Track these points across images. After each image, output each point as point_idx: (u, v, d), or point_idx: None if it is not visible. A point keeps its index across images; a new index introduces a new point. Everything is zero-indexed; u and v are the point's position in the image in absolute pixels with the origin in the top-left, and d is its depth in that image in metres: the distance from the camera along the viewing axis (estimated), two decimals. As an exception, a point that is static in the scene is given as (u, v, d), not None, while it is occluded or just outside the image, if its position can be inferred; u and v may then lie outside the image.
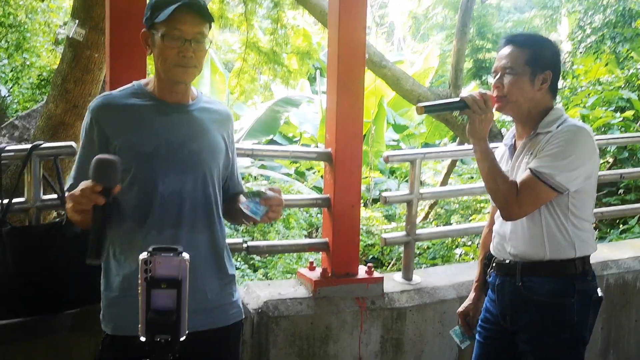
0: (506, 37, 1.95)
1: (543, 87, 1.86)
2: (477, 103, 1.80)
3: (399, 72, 7.07)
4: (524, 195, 1.78)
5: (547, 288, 1.85)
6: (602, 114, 5.59)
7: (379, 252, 6.80)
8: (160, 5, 1.57)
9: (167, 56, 1.58)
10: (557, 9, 10.64)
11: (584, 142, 1.80)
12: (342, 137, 2.70)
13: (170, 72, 1.61)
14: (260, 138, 10.16)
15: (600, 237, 5.10)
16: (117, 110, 1.62)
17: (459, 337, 2.19)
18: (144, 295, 1.04)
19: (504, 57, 1.88)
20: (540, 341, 1.87)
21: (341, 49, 2.67)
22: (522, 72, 1.84)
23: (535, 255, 1.86)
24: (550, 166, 1.75)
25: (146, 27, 1.62)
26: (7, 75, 9.51)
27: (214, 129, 1.71)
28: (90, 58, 3.82)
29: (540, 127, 1.85)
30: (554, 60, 1.90)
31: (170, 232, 1.60)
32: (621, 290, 3.15)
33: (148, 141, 1.60)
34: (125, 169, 1.56)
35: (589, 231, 1.89)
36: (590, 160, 1.81)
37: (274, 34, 9.80)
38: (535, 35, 2.01)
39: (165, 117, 1.64)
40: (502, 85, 1.87)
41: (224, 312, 1.72)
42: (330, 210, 2.75)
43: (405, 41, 22.96)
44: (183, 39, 1.56)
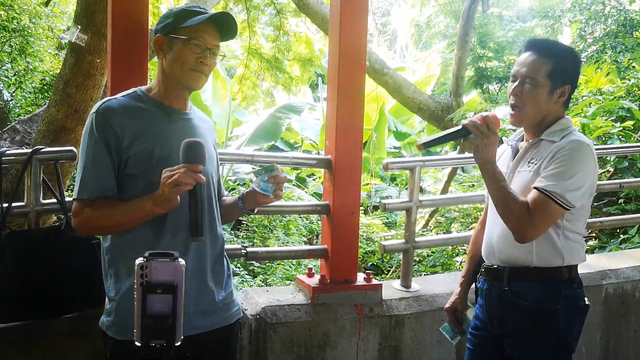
0: (529, 41, 1.91)
1: (560, 101, 1.86)
2: (479, 128, 1.76)
3: (400, 79, 7.10)
4: (537, 216, 1.76)
5: (533, 293, 1.86)
6: (602, 124, 5.59)
7: (379, 259, 6.79)
8: (189, 13, 1.67)
9: (186, 60, 1.66)
10: (558, 19, 10.65)
11: (587, 159, 1.79)
12: (342, 144, 2.70)
13: (185, 76, 1.68)
14: (262, 144, 10.18)
15: (600, 247, 5.09)
16: (127, 114, 1.65)
17: (449, 334, 2.19)
18: (140, 300, 1.04)
19: (526, 64, 1.85)
20: (526, 346, 1.87)
21: (342, 56, 2.68)
22: (543, 84, 1.82)
23: (522, 261, 1.87)
24: (559, 185, 1.74)
25: (162, 34, 1.69)
26: (10, 80, 9.54)
27: (208, 136, 1.81)
28: (92, 63, 3.84)
29: (545, 134, 1.86)
30: (574, 73, 1.88)
31: (184, 235, 1.64)
32: (620, 300, 3.14)
33: (162, 147, 1.64)
34: (139, 174, 1.61)
35: (579, 242, 1.90)
36: (592, 177, 1.82)
37: (276, 40, 9.85)
38: (559, 46, 1.94)
39: (174, 124, 1.71)
40: (521, 94, 1.85)
41: (228, 310, 1.79)
42: (329, 217, 2.75)
43: (407, 49, 23.03)
44: (204, 47, 1.67)
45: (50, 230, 2.08)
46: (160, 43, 1.70)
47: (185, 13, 1.68)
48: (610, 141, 5.43)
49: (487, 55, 10.24)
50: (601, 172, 5.60)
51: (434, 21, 17.66)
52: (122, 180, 1.64)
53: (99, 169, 1.61)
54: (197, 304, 1.66)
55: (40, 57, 9.29)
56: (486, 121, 1.77)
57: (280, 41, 9.85)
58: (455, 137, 1.85)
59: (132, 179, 1.63)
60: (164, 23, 1.69)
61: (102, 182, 1.61)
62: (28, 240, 2.03)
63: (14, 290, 1.95)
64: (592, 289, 2.95)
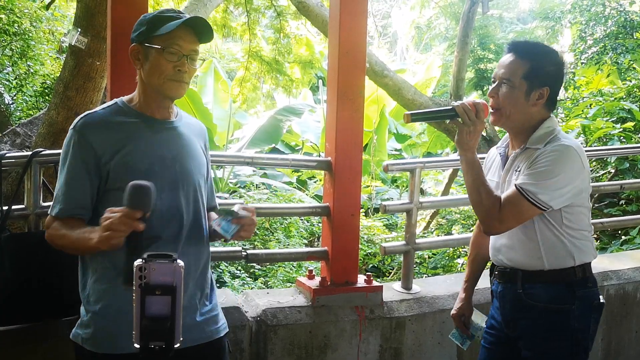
0: (510, 43, 1.91)
1: (538, 103, 1.84)
2: (468, 114, 1.76)
3: (401, 81, 7.09)
4: (507, 211, 1.77)
5: (547, 295, 1.85)
6: (602, 125, 5.59)
7: (380, 261, 6.78)
8: (160, 20, 1.60)
9: (163, 70, 1.60)
10: (558, 20, 10.66)
11: (572, 161, 1.77)
12: (342, 146, 2.70)
13: (164, 86, 1.62)
14: (263, 146, 10.18)
15: (601, 248, 5.08)
16: (106, 129, 1.60)
17: (459, 340, 2.19)
18: (138, 302, 1.04)
19: (504, 66, 1.85)
20: (541, 347, 1.87)
21: (341, 58, 2.68)
22: (519, 85, 1.82)
23: (534, 267, 1.86)
24: (535, 184, 1.74)
25: (137, 42, 1.63)
26: (11, 83, 9.56)
27: (196, 143, 1.75)
28: (92, 66, 3.84)
29: (529, 142, 1.84)
30: (554, 75, 1.86)
31: (170, 247, 1.59)
32: (621, 301, 3.14)
33: (142, 159, 1.60)
34: (120, 188, 1.52)
35: (588, 239, 1.89)
36: (579, 177, 1.79)
37: (277, 43, 9.86)
38: (539, 47, 1.93)
39: (156, 135, 1.65)
40: (497, 95, 1.85)
41: (214, 323, 1.74)
42: (329, 218, 2.75)
43: (407, 51, 23.04)
44: (181, 54, 1.60)
45: (51, 232, 2.07)
46: (136, 52, 1.63)
47: (159, 20, 1.60)
48: (611, 142, 5.43)
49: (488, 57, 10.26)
50: (602, 174, 5.60)
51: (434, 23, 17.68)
52: (105, 195, 1.60)
53: (73, 188, 1.58)
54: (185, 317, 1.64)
55: (41, 60, 9.30)
56: (477, 108, 1.77)
57: (280, 44, 9.86)
58: (443, 117, 1.87)
59: (114, 193, 1.57)
60: (139, 31, 1.62)
61: (73, 201, 1.58)
62: (28, 243, 2.03)
63: (13, 293, 1.95)
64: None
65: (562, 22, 10.61)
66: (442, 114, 1.84)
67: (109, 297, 1.58)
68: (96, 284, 1.61)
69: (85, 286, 1.64)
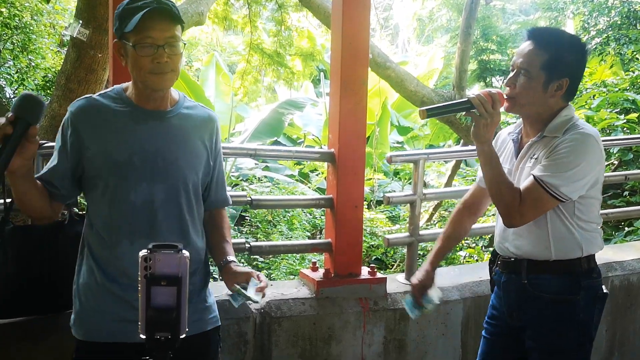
0: (531, 30, 1.85)
1: (557, 94, 1.80)
2: (484, 105, 1.71)
3: (403, 73, 7.06)
4: (527, 204, 1.74)
5: (553, 285, 1.84)
6: (606, 116, 5.56)
7: (383, 253, 6.78)
8: (128, 14, 1.52)
9: (141, 65, 1.54)
10: (561, 11, 10.59)
11: (592, 151, 1.75)
12: (345, 137, 2.69)
13: (146, 81, 1.57)
14: (265, 140, 10.17)
15: (605, 239, 5.06)
16: (95, 116, 1.60)
17: (409, 307, 2.10)
18: (144, 293, 1.03)
19: (523, 55, 1.80)
20: (547, 338, 1.86)
21: (344, 50, 2.67)
22: (537, 77, 1.77)
23: (541, 256, 1.85)
24: (556, 176, 1.71)
25: (117, 38, 1.59)
26: (12, 77, 9.55)
27: (193, 136, 1.68)
28: (94, 58, 3.83)
29: (547, 130, 1.81)
30: (574, 66, 1.81)
31: (143, 242, 1.48)
32: (626, 292, 3.13)
33: (122, 150, 1.58)
34: (97, 176, 1.59)
35: (596, 231, 1.88)
36: (597, 167, 1.77)
37: (278, 35, 9.83)
38: (560, 35, 1.86)
39: (141, 125, 1.61)
40: (515, 85, 1.81)
41: (201, 317, 1.72)
42: (333, 210, 2.74)
43: (409, 43, 22.96)
44: (156, 46, 1.52)
45: (53, 225, 2.07)
46: (119, 48, 1.60)
47: (126, 13, 1.53)
48: (615, 133, 5.41)
49: (490, 48, 10.20)
50: (606, 165, 5.58)
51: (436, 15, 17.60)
52: (84, 182, 1.64)
53: (54, 161, 1.64)
54: None
55: (43, 54, 9.29)
56: (493, 99, 1.73)
57: (281, 36, 9.83)
58: (459, 110, 1.82)
59: (92, 181, 1.62)
60: (115, 26, 1.58)
61: (49, 170, 1.64)
62: (31, 236, 2.02)
63: (17, 285, 1.95)
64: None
65: (565, 13, 10.55)
66: (458, 106, 1.80)
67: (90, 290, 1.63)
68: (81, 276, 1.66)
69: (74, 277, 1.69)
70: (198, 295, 1.73)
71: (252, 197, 2.64)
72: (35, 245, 1.97)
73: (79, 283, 1.67)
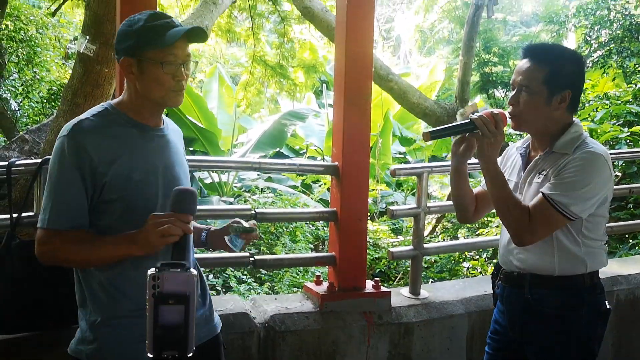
0: (526, 47, 1.86)
1: (561, 107, 1.80)
2: (487, 125, 1.72)
3: (406, 85, 7.09)
4: (537, 222, 1.74)
5: (556, 300, 1.84)
6: (610, 129, 5.57)
7: (386, 265, 6.76)
8: (152, 31, 1.53)
9: (163, 82, 1.55)
10: (563, 24, 10.64)
11: (602, 170, 1.75)
12: (349, 150, 2.70)
13: (165, 98, 1.58)
14: (267, 150, 10.19)
15: (610, 253, 5.05)
16: (101, 137, 1.54)
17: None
18: (152, 311, 1.03)
19: (521, 72, 1.81)
20: (549, 353, 1.86)
21: (348, 63, 2.68)
22: (539, 91, 1.78)
23: (544, 270, 1.84)
24: (566, 195, 1.71)
25: (128, 56, 1.55)
26: (17, 90, 9.62)
27: (181, 148, 1.75)
28: (100, 73, 3.86)
29: (556, 146, 1.81)
30: (574, 78, 1.82)
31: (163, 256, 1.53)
32: (632, 306, 3.12)
33: (138, 169, 1.57)
34: (117, 199, 1.53)
35: (601, 248, 1.88)
36: (606, 186, 1.78)
37: (281, 47, 9.89)
38: (556, 50, 1.89)
39: (149, 143, 1.62)
40: (518, 102, 1.82)
41: (209, 322, 1.76)
42: (337, 223, 2.74)
43: (411, 55, 23.06)
44: (177, 64, 1.56)
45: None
46: (129, 66, 1.56)
47: (151, 31, 1.52)
48: (618, 146, 5.40)
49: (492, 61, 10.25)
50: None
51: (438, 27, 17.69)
52: (99, 206, 1.54)
53: (72, 197, 1.50)
54: None
55: (47, 67, 9.37)
56: (495, 119, 1.74)
57: (284, 48, 9.89)
58: (462, 131, 1.82)
59: (110, 205, 1.54)
60: (128, 44, 1.55)
61: (75, 211, 1.51)
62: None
63: (24, 300, 1.96)
64: (603, 295, 2.94)
65: (567, 26, 10.59)
66: (461, 128, 1.80)
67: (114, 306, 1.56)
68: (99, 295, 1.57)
69: (85, 300, 1.60)
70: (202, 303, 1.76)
71: (256, 210, 2.65)
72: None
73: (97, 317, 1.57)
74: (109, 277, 1.57)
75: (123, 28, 1.58)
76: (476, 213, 2.05)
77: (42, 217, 1.52)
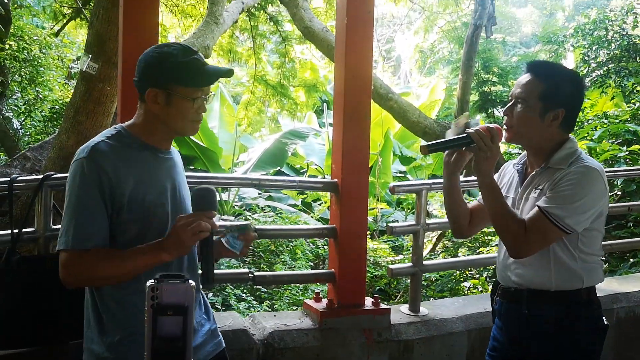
0: (529, 63, 1.91)
1: (553, 124, 1.83)
2: (483, 139, 1.76)
3: (406, 104, 7.15)
4: (533, 235, 1.76)
5: (553, 316, 1.84)
6: (609, 147, 5.59)
7: (386, 284, 6.73)
8: (188, 69, 1.58)
9: (187, 114, 1.61)
10: (561, 44, 10.75)
11: (597, 184, 1.78)
12: (349, 168, 2.72)
13: (186, 127, 1.65)
14: (268, 169, 10.22)
15: (610, 271, 5.04)
16: (119, 159, 1.57)
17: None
18: (150, 323, 1.04)
19: (521, 85, 1.86)
20: None
21: (347, 82, 2.72)
22: (534, 106, 1.82)
23: (542, 285, 1.85)
24: (561, 207, 1.73)
25: (156, 87, 1.58)
26: (19, 109, 9.69)
27: (183, 171, 1.79)
28: (103, 91, 3.91)
29: (552, 162, 1.84)
30: (570, 98, 1.85)
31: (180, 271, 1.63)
32: (632, 324, 3.10)
33: (153, 190, 1.61)
34: (134, 219, 1.56)
35: (597, 263, 1.89)
36: (601, 200, 1.80)
37: (282, 67, 9.99)
38: (557, 69, 1.92)
39: (161, 165, 1.67)
40: (512, 114, 1.86)
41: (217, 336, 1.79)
42: (336, 240, 2.75)
43: (411, 75, 23.25)
44: (202, 99, 1.64)
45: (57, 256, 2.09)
46: (155, 96, 1.59)
47: (185, 69, 1.57)
48: (617, 164, 5.42)
49: (492, 80, 10.33)
50: (610, 195, 5.58)
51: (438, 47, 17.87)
52: (117, 227, 1.55)
53: (94, 217, 1.51)
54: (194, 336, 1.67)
55: (50, 86, 9.44)
56: (491, 133, 1.77)
57: (285, 68, 10.00)
58: (458, 145, 1.84)
59: (127, 225, 1.56)
60: (158, 77, 1.58)
61: (97, 230, 1.52)
62: (38, 266, 2.04)
63: (24, 315, 1.96)
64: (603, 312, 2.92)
65: (565, 46, 10.69)
66: (457, 142, 1.82)
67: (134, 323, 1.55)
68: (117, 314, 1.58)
69: (101, 321, 1.59)
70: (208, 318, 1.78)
71: (255, 226, 2.66)
72: (43, 275, 1.99)
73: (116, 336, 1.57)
74: (126, 295, 1.58)
75: (151, 60, 1.60)
76: (471, 227, 2.06)
77: (65, 239, 1.51)
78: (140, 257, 1.51)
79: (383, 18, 21.26)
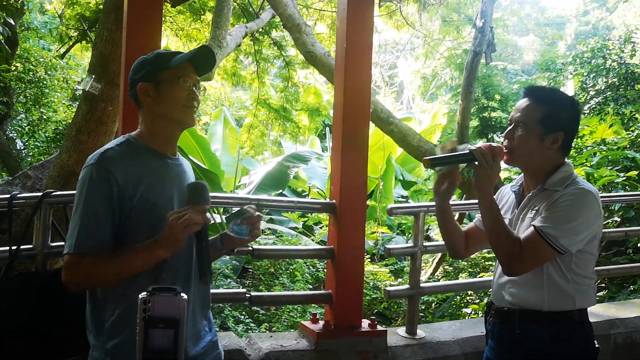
0: (527, 88, 1.96)
1: (553, 147, 1.88)
2: (485, 157, 1.80)
3: (406, 128, 7.18)
4: (527, 253, 1.78)
5: (545, 336, 1.85)
6: (606, 173, 5.61)
7: (385, 307, 6.69)
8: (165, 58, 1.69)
9: (178, 98, 1.68)
10: (560, 72, 10.85)
11: (591, 207, 1.81)
12: (347, 189, 2.75)
13: (180, 113, 1.69)
14: (270, 192, 10.23)
15: (609, 297, 5.02)
16: (126, 164, 1.62)
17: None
18: (142, 335, 1.05)
19: (520, 110, 1.91)
20: None
21: (346, 106, 2.77)
22: (534, 129, 1.86)
23: (534, 305, 1.86)
24: (556, 228, 1.76)
25: (145, 81, 1.68)
26: (23, 129, 9.77)
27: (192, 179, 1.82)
28: (105, 111, 3.96)
29: (548, 184, 1.87)
30: (569, 122, 1.90)
31: (184, 284, 1.63)
32: (629, 349, 3.09)
33: (161, 196, 1.65)
34: (143, 223, 1.59)
35: (590, 286, 1.91)
36: (595, 223, 1.83)
37: (285, 91, 10.08)
38: (556, 93, 1.98)
39: (169, 171, 1.71)
40: (513, 137, 1.90)
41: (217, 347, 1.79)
42: (334, 261, 2.76)
43: (414, 100, 23.41)
44: (191, 83, 1.70)
45: (57, 272, 2.09)
46: (146, 90, 1.68)
47: (164, 56, 1.70)
48: (615, 190, 5.44)
49: (492, 106, 10.40)
50: (608, 222, 5.58)
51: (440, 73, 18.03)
52: (126, 232, 1.59)
53: (99, 220, 1.56)
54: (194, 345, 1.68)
55: (54, 107, 9.53)
56: (493, 151, 1.81)
57: (288, 92, 10.09)
58: (461, 160, 1.88)
59: (135, 229, 1.59)
60: (143, 72, 1.69)
61: (101, 233, 1.56)
62: (35, 282, 2.05)
63: (21, 332, 1.96)
64: (600, 338, 2.88)
65: (564, 74, 10.79)
66: (460, 158, 1.87)
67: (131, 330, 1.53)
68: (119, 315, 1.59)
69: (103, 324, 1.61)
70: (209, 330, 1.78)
71: (253, 247, 2.68)
72: (40, 291, 2.00)
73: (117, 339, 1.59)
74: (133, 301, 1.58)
75: (136, 64, 1.72)
76: (467, 249, 2.08)
77: (69, 244, 1.56)
78: (137, 256, 1.54)
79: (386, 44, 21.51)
